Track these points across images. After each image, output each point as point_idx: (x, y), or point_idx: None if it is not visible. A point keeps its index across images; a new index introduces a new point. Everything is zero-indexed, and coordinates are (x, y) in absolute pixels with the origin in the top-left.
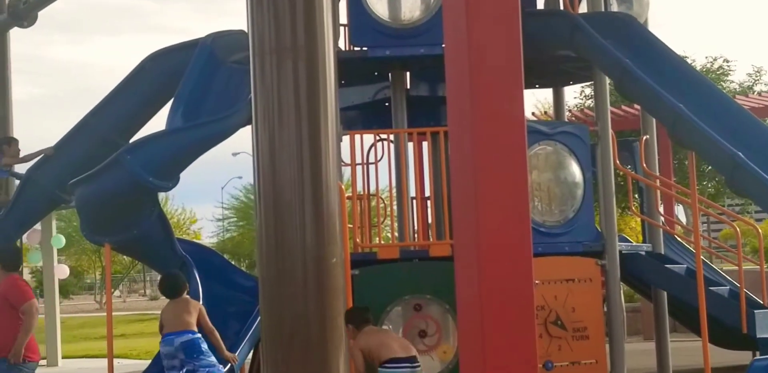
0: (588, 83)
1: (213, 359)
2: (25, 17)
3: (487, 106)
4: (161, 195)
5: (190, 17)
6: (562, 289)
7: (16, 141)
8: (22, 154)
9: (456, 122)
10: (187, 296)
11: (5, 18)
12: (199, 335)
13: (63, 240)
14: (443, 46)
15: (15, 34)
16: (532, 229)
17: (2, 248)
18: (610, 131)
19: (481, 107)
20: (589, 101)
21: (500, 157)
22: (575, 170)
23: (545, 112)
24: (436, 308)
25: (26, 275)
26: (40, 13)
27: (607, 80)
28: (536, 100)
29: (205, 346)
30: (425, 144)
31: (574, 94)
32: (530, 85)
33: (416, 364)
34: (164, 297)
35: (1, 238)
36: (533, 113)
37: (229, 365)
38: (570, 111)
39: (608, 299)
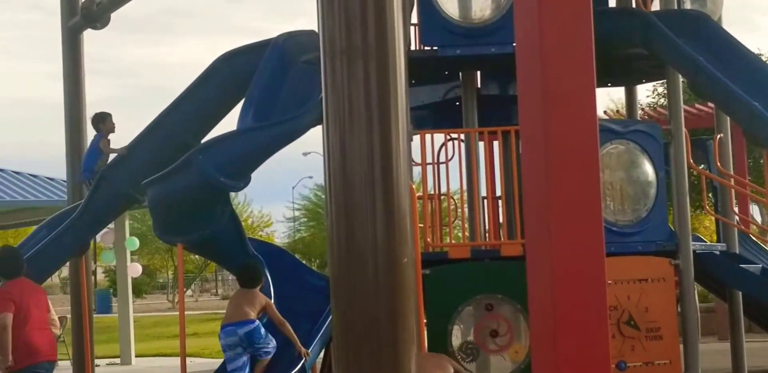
0: (661, 81)
1: (273, 342)
2: (99, 19)
3: (558, 105)
4: (240, 198)
5: (262, 18)
6: (635, 289)
7: (110, 116)
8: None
9: (527, 121)
10: (258, 290)
11: (79, 20)
12: (259, 323)
13: (137, 243)
14: (514, 44)
15: (88, 35)
16: (604, 228)
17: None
18: (684, 130)
19: (552, 106)
20: (662, 99)
21: (572, 157)
22: (648, 169)
23: (617, 111)
24: (507, 308)
25: (100, 275)
26: (113, 15)
27: (681, 78)
28: (609, 99)
29: (264, 330)
30: (496, 143)
31: (647, 93)
32: (602, 84)
33: None
34: (239, 285)
35: (75, 237)
36: (605, 112)
37: (302, 361)
38: (643, 109)
39: (682, 298)
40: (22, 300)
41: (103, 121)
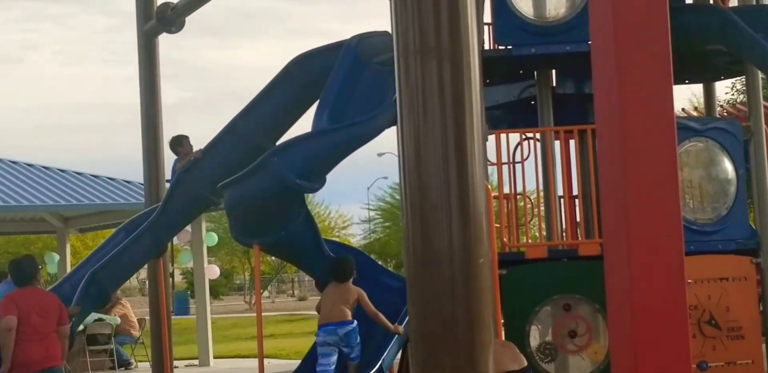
0: (739, 78)
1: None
2: (174, 23)
3: (635, 103)
4: (317, 199)
5: (332, 19)
6: (715, 288)
7: (186, 139)
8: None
9: (604, 120)
10: (350, 284)
11: (154, 24)
12: (356, 324)
13: (215, 237)
14: (589, 43)
15: (163, 39)
16: (683, 227)
17: (14, 263)
18: (764, 126)
19: (629, 104)
20: (741, 96)
21: (650, 155)
22: (727, 167)
23: (696, 108)
24: (586, 308)
25: (177, 276)
26: (188, 18)
27: (760, 74)
28: (691, 94)
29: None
30: (572, 142)
31: (726, 89)
32: (679, 81)
33: None
34: (332, 279)
35: (153, 240)
36: (683, 109)
37: (380, 361)
38: (721, 106)
39: (764, 297)
40: (22, 308)
41: (181, 145)
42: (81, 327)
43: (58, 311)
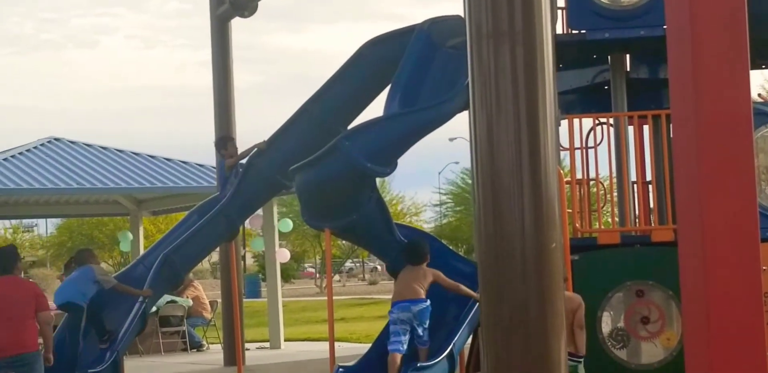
0: None
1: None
2: (246, 7)
3: (710, 88)
4: (392, 186)
5: (405, 3)
6: None
7: (232, 141)
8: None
9: (679, 105)
10: (424, 266)
11: (227, 8)
12: (429, 303)
13: (290, 224)
14: (664, 27)
15: (236, 23)
16: (758, 213)
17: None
18: None
19: (704, 89)
20: None
21: (725, 140)
22: None
23: None
24: (659, 294)
25: (249, 260)
26: (260, 3)
27: None
28: (764, 80)
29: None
30: (646, 127)
31: None
32: (756, 66)
33: None
34: (406, 262)
35: (225, 223)
36: (759, 94)
37: (450, 346)
38: None
39: None
40: None
41: (225, 147)
42: (154, 309)
43: (33, 298)
